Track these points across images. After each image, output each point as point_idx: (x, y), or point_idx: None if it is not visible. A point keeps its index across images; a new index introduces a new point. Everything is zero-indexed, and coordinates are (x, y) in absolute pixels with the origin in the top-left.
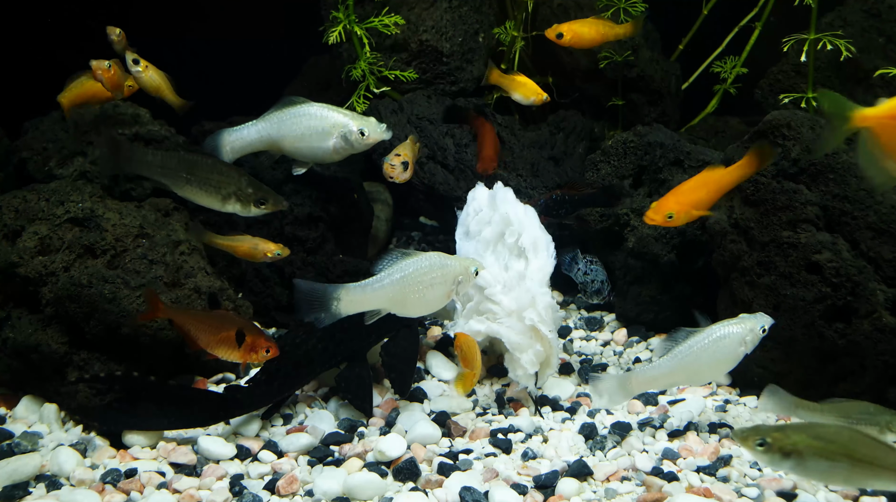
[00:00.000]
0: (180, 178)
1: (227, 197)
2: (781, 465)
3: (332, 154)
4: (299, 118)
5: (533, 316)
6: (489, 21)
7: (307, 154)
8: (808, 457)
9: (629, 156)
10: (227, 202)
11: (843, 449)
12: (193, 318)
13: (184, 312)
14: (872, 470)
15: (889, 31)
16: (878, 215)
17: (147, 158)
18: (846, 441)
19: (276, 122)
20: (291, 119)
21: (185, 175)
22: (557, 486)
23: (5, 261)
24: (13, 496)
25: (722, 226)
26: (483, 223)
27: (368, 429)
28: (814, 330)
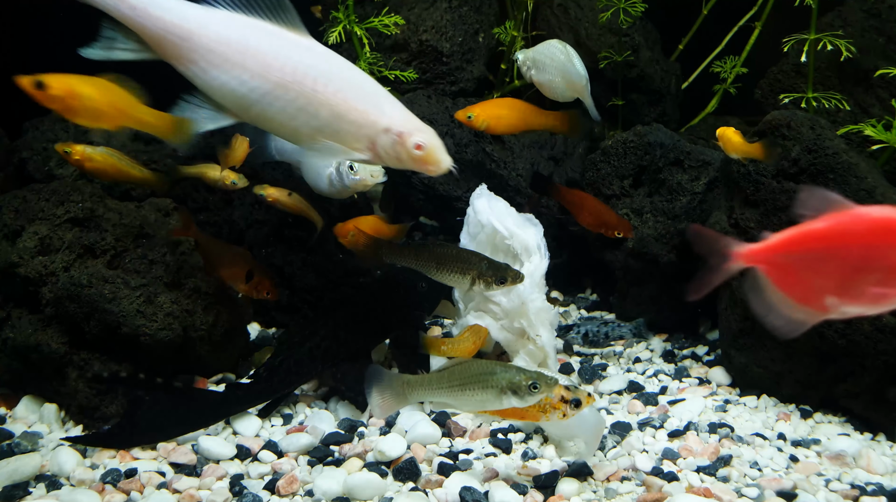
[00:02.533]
0: (431, 267)
1: (472, 280)
2: None
3: (327, 185)
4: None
5: (522, 320)
6: (489, 21)
7: (313, 180)
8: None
9: (629, 156)
10: (473, 285)
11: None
12: (216, 247)
13: (209, 239)
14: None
15: (889, 31)
16: None
17: (404, 252)
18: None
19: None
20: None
21: (435, 264)
22: (557, 486)
23: (5, 261)
24: (13, 496)
25: (722, 226)
26: (478, 226)
27: (368, 429)
28: (814, 330)
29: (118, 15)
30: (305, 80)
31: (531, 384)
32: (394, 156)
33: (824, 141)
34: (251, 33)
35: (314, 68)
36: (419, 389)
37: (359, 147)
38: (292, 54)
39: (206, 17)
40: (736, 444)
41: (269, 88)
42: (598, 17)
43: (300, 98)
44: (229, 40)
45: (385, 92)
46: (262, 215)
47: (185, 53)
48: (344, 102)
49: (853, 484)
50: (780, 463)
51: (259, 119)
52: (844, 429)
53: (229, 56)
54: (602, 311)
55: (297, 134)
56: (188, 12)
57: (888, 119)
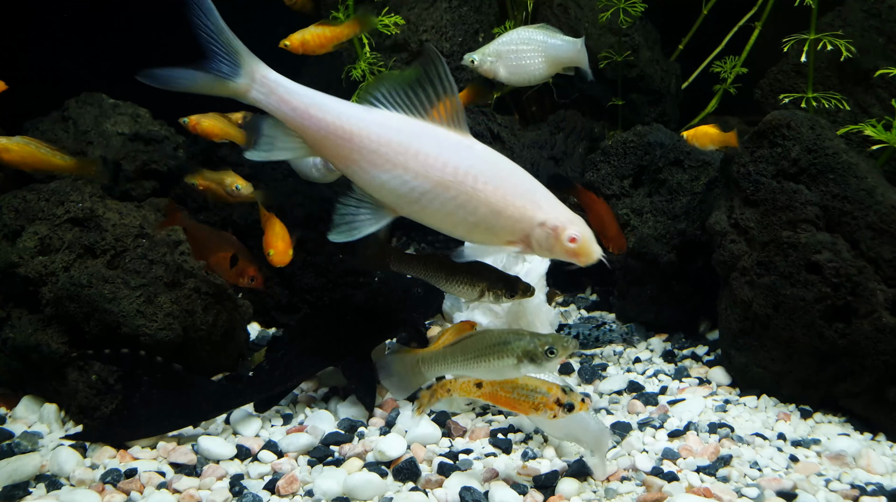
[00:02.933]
0: (440, 277)
1: (480, 292)
2: None
3: (324, 172)
4: None
5: (521, 320)
6: (489, 21)
7: (303, 168)
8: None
9: (629, 156)
10: (482, 297)
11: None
12: (202, 234)
13: (196, 225)
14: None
15: (889, 31)
16: (878, 215)
17: (412, 262)
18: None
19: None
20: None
21: (444, 275)
22: (557, 486)
23: (5, 261)
24: (13, 496)
25: (722, 226)
26: None
27: (368, 429)
28: (814, 330)
29: (280, 115)
30: (466, 180)
31: (548, 349)
32: (546, 249)
33: (824, 141)
34: (411, 134)
35: (474, 167)
36: (436, 365)
37: (513, 240)
38: (452, 154)
39: (366, 118)
40: (736, 444)
41: (429, 187)
42: (598, 17)
43: (460, 196)
44: (390, 141)
45: (540, 186)
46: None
47: (346, 154)
48: (502, 199)
49: (853, 484)
50: (780, 463)
51: (417, 215)
52: (844, 429)
53: (391, 157)
54: (602, 311)
55: (455, 228)
56: (349, 113)
57: (888, 119)
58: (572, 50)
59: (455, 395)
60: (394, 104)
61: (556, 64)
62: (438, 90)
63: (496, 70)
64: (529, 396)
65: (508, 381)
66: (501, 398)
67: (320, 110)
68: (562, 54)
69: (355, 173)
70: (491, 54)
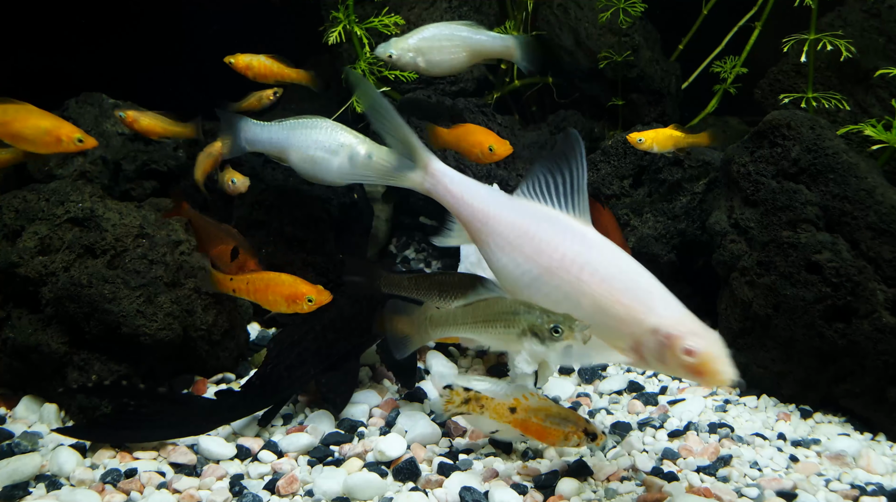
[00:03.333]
0: (433, 295)
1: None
2: None
3: (335, 174)
4: (309, 130)
5: None
6: (489, 21)
7: (310, 170)
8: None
9: (629, 156)
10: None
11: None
12: (206, 226)
13: (200, 217)
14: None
15: (889, 31)
16: (878, 215)
17: (403, 282)
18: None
19: (287, 129)
20: (302, 129)
21: (437, 292)
22: (557, 486)
23: (5, 261)
24: (13, 496)
25: (722, 226)
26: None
27: (368, 429)
28: (814, 330)
29: (444, 203)
30: (571, 268)
31: (553, 328)
32: (660, 362)
33: (824, 141)
34: (532, 217)
35: (582, 256)
36: (444, 325)
37: (621, 345)
38: (563, 240)
39: (501, 203)
40: (736, 444)
41: (538, 273)
42: (598, 17)
43: (565, 285)
44: (513, 224)
45: (661, 287)
46: (262, 215)
47: (483, 237)
48: (608, 294)
49: (853, 484)
50: (780, 463)
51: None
52: (844, 429)
53: (511, 239)
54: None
55: None
56: (490, 198)
57: (888, 119)
58: (500, 45)
59: (485, 414)
60: (537, 192)
61: (480, 58)
62: (571, 173)
63: (416, 65)
64: (561, 425)
65: (542, 408)
66: (532, 426)
67: (471, 196)
68: (488, 49)
69: (486, 255)
70: (411, 49)
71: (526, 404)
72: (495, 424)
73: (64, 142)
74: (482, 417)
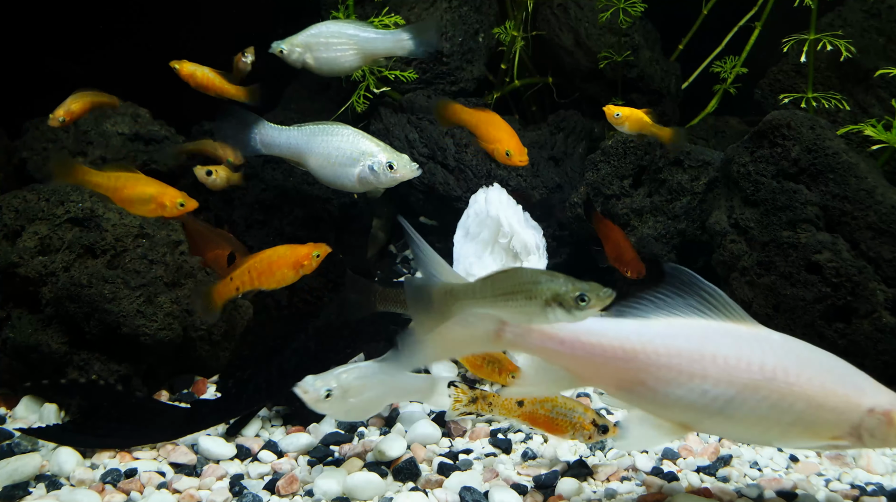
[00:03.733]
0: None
1: None
2: None
3: (355, 183)
4: (330, 136)
5: None
6: (489, 21)
7: (330, 176)
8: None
9: (629, 156)
10: None
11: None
12: (200, 230)
13: (193, 222)
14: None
15: (889, 31)
16: (878, 215)
17: (401, 298)
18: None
19: (306, 135)
20: (322, 135)
21: None
22: (557, 486)
23: (5, 261)
24: (13, 496)
25: (722, 226)
26: (482, 225)
27: (368, 429)
28: (814, 330)
29: (543, 354)
30: (777, 375)
31: (578, 296)
32: (881, 439)
33: (824, 141)
34: (702, 337)
35: (782, 360)
36: (465, 299)
37: (838, 434)
38: (754, 349)
39: (646, 331)
40: (736, 444)
41: (734, 392)
42: (598, 17)
43: (773, 395)
44: (681, 351)
45: (852, 367)
46: (262, 216)
47: (630, 376)
48: (821, 389)
49: (853, 484)
50: (780, 462)
51: (719, 426)
52: None
53: (684, 368)
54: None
55: (765, 434)
56: (624, 330)
57: (888, 119)
58: (390, 40)
59: (495, 412)
60: (674, 307)
61: (371, 55)
62: (707, 292)
63: (304, 61)
64: (568, 416)
65: (548, 400)
66: (540, 418)
67: (592, 335)
68: (378, 46)
69: (641, 395)
70: (299, 45)
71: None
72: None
73: (168, 206)
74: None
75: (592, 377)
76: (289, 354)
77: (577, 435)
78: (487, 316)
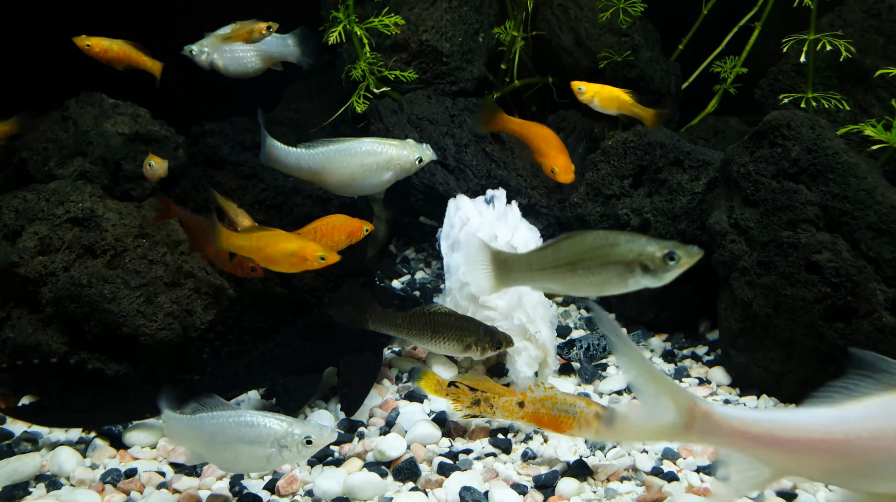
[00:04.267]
0: (426, 336)
1: (467, 346)
2: None
3: (384, 185)
4: (352, 156)
5: (521, 316)
6: (489, 21)
7: (357, 189)
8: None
9: (629, 156)
10: (467, 350)
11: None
12: (198, 225)
13: (192, 216)
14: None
15: (889, 31)
16: (878, 215)
17: (396, 321)
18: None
19: (324, 157)
20: (343, 156)
21: (430, 332)
22: (557, 486)
23: (5, 261)
24: (13, 496)
25: (722, 226)
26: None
27: (368, 430)
28: (814, 330)
29: (738, 448)
30: None
31: (667, 254)
32: None
33: (824, 141)
34: None
35: None
36: (518, 271)
37: None
38: None
39: (845, 416)
40: None
41: None
42: (598, 17)
43: None
44: (885, 430)
45: None
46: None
47: (838, 464)
48: None
49: None
50: None
51: None
52: None
53: (893, 447)
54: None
55: None
56: (824, 418)
57: (888, 119)
58: (280, 45)
59: (497, 414)
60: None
61: (268, 59)
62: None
63: (212, 62)
64: (570, 411)
65: (548, 397)
66: (543, 417)
67: (788, 430)
68: (273, 51)
69: (850, 479)
70: (207, 47)
71: (532, 396)
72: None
73: (309, 260)
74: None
75: (795, 468)
76: (272, 346)
77: (583, 431)
78: (675, 406)
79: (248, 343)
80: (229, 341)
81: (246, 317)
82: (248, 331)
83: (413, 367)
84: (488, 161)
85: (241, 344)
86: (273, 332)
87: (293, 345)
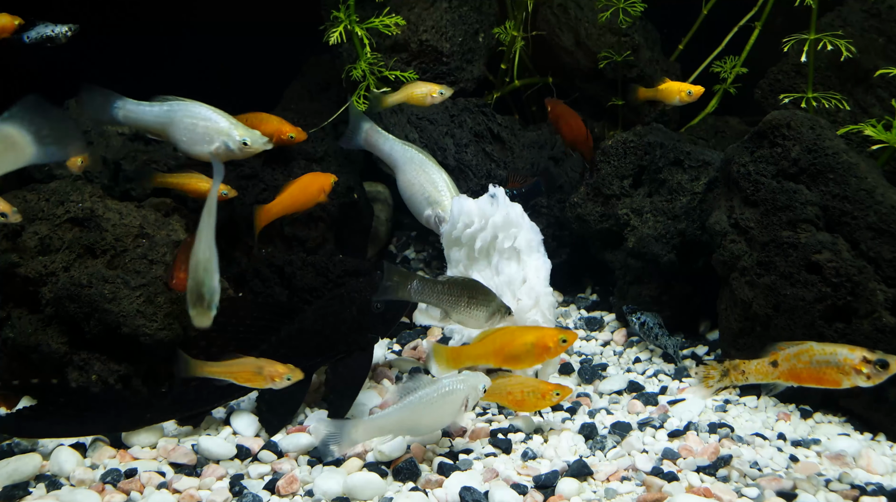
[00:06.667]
0: (462, 303)
1: (493, 312)
2: None
3: (213, 156)
4: (190, 115)
5: (537, 316)
6: (489, 21)
7: (190, 149)
8: None
9: (629, 156)
10: (492, 317)
11: None
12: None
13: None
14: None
15: (889, 31)
16: (878, 215)
17: (437, 289)
18: None
19: (169, 111)
20: (184, 113)
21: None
22: (557, 486)
23: (5, 261)
24: (13, 496)
25: (722, 226)
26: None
27: None
28: (814, 330)
29: None
30: None
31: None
32: None
33: (824, 141)
34: None
35: None
36: None
37: None
38: None
39: None
40: (736, 444)
41: None
42: (598, 17)
43: None
44: None
45: None
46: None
47: None
48: None
49: (853, 484)
50: (780, 463)
51: None
52: (844, 429)
53: None
54: (602, 311)
55: None
56: None
57: (888, 119)
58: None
59: (750, 379)
60: None
61: None
62: None
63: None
64: (832, 361)
65: (803, 351)
66: (802, 373)
67: None
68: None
69: None
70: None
71: (786, 352)
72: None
73: (552, 347)
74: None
75: None
76: (256, 354)
77: (854, 378)
78: None
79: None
80: (210, 353)
81: (229, 327)
82: (231, 339)
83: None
84: (488, 161)
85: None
86: (257, 341)
87: (276, 354)
